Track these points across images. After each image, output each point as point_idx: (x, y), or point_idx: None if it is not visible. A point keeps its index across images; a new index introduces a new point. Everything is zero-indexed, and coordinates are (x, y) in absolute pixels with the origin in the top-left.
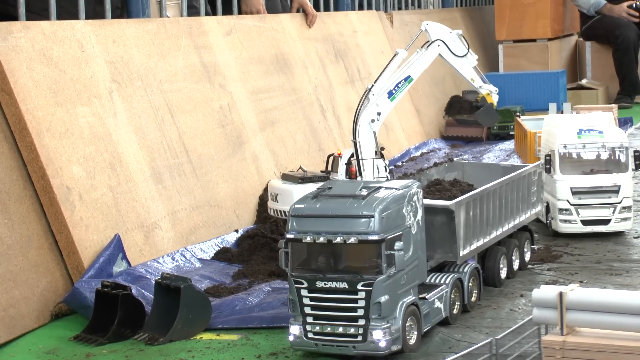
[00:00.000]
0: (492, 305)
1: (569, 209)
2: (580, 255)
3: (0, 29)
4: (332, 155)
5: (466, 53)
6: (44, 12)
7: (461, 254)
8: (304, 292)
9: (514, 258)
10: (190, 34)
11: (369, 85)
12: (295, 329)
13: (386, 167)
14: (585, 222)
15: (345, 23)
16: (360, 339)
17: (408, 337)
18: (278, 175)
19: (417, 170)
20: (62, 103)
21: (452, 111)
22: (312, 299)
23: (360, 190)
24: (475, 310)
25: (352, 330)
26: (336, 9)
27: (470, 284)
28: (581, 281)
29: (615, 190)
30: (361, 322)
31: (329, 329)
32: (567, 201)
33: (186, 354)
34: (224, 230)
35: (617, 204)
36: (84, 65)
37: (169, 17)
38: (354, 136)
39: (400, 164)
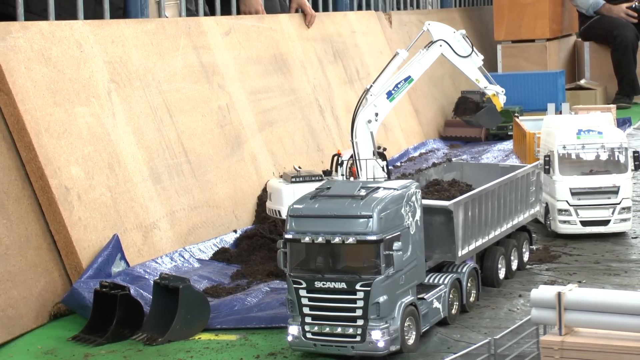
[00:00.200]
0: (491, 305)
1: (568, 209)
2: (578, 255)
3: None
4: (337, 155)
5: (470, 53)
6: (44, 12)
7: (460, 254)
8: (302, 293)
9: (512, 258)
10: (188, 34)
11: (368, 86)
12: (293, 329)
13: (383, 168)
14: (585, 223)
15: (343, 23)
16: (358, 339)
17: (406, 337)
18: (277, 175)
19: (415, 171)
20: (60, 103)
21: (458, 112)
22: (310, 299)
23: (359, 190)
24: (474, 311)
25: (351, 331)
26: (335, 9)
27: (469, 284)
28: (580, 281)
29: (614, 191)
30: (360, 322)
31: (327, 329)
32: (567, 202)
33: (185, 354)
34: (223, 231)
35: (617, 204)
36: (83, 65)
37: (167, 17)
38: (352, 136)
39: (399, 164)
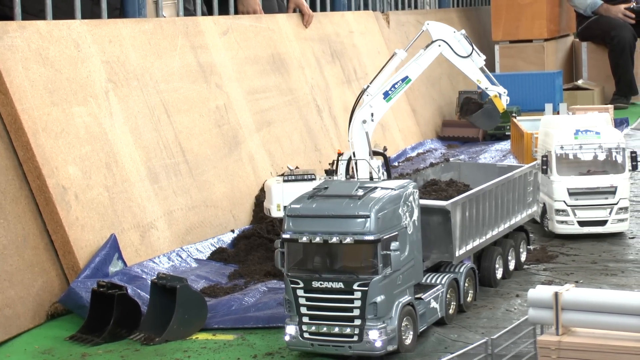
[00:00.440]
0: (488, 305)
1: (565, 210)
2: (575, 255)
3: None
4: (339, 154)
5: (470, 53)
6: (40, 13)
7: (457, 254)
8: (300, 292)
9: (509, 258)
10: (186, 34)
11: (365, 86)
12: (291, 329)
13: (379, 167)
14: (582, 223)
15: (341, 23)
16: (356, 339)
17: (404, 337)
18: (274, 175)
19: (413, 171)
20: (58, 103)
21: (462, 112)
22: (308, 299)
23: (357, 190)
24: (471, 311)
25: (348, 330)
26: (332, 9)
27: (466, 284)
28: (577, 281)
29: (612, 191)
30: (357, 322)
31: (324, 329)
32: (564, 202)
33: (182, 354)
34: (220, 231)
35: (614, 205)
36: (80, 65)
37: (165, 17)
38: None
39: (396, 164)
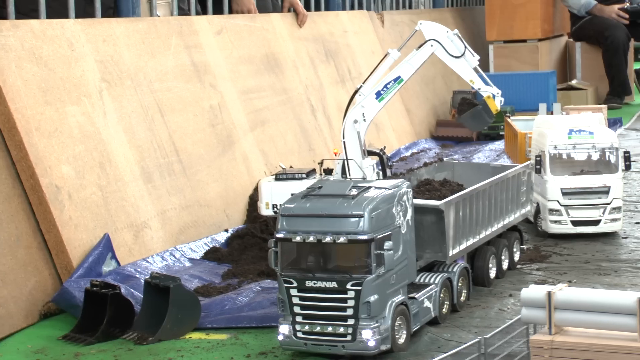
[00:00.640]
0: (481, 304)
1: (559, 209)
2: (569, 255)
3: None
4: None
5: (463, 53)
6: (32, 13)
7: (450, 254)
8: (293, 292)
9: (503, 258)
10: (180, 34)
11: (358, 86)
12: (284, 329)
13: (374, 167)
14: (576, 223)
15: (336, 23)
16: (349, 338)
17: (397, 337)
18: (268, 174)
19: (407, 170)
20: (51, 102)
21: (458, 113)
22: (301, 298)
23: (350, 189)
24: (465, 310)
25: (342, 330)
26: (327, 8)
27: (460, 284)
28: (570, 281)
29: (605, 191)
30: (350, 321)
31: (318, 328)
32: (558, 202)
33: (175, 353)
34: (214, 230)
35: (607, 204)
36: (74, 64)
37: (159, 16)
38: (342, 136)
39: (390, 163)
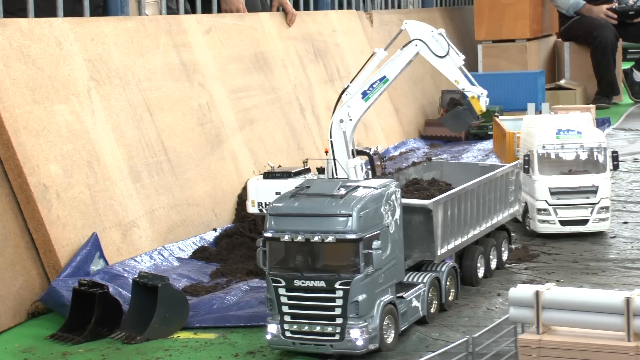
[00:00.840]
0: (470, 304)
1: (547, 209)
2: (557, 254)
3: None
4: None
5: (447, 52)
6: (19, 12)
7: (439, 253)
8: (281, 291)
9: (491, 257)
10: (169, 32)
11: (346, 85)
12: (272, 328)
13: (362, 167)
14: (564, 223)
15: (324, 22)
16: (337, 337)
17: (385, 336)
18: (256, 173)
19: (395, 170)
20: (39, 101)
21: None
22: (289, 297)
23: (338, 189)
24: (453, 309)
25: (330, 329)
26: (316, 8)
27: (448, 283)
28: (558, 280)
29: (593, 190)
30: (339, 320)
31: (306, 327)
32: (546, 201)
33: (163, 352)
34: (202, 229)
35: (595, 204)
36: (62, 63)
37: (147, 15)
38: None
39: (379, 163)
